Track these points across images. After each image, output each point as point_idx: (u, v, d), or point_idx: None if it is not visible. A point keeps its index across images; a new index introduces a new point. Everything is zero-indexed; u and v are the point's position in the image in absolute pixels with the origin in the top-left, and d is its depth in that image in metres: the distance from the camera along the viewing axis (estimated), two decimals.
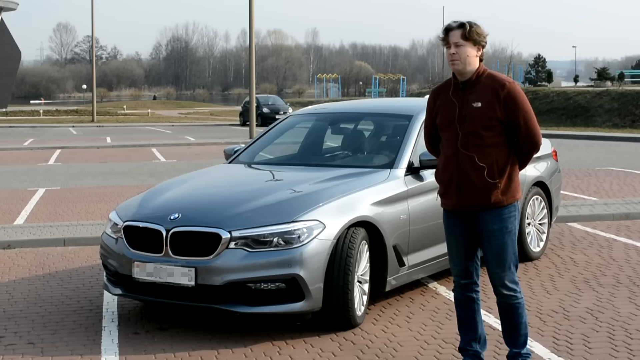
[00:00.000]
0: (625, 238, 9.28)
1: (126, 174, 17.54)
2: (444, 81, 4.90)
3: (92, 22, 48.27)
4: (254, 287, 5.59)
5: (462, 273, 4.85)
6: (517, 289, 4.75)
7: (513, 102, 4.60)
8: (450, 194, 4.73)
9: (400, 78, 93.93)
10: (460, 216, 4.76)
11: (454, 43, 4.60)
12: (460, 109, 4.66)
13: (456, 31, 4.61)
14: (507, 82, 4.62)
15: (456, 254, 4.84)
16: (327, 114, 8.12)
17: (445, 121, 4.73)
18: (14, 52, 72.17)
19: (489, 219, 4.66)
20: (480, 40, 4.62)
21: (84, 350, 5.56)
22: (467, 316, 4.89)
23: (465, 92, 4.67)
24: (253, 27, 27.31)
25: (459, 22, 4.65)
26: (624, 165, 17.85)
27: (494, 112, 4.59)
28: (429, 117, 4.91)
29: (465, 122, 4.63)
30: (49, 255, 8.78)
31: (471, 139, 4.61)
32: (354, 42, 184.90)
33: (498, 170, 4.62)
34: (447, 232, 4.89)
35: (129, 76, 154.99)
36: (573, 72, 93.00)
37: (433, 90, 4.93)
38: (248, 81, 30.40)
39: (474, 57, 4.62)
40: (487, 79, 4.66)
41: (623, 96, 39.24)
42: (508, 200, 4.66)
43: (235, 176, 7.17)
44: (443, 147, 4.80)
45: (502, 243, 4.67)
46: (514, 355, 4.84)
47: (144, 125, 43.99)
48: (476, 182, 4.61)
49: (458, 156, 4.65)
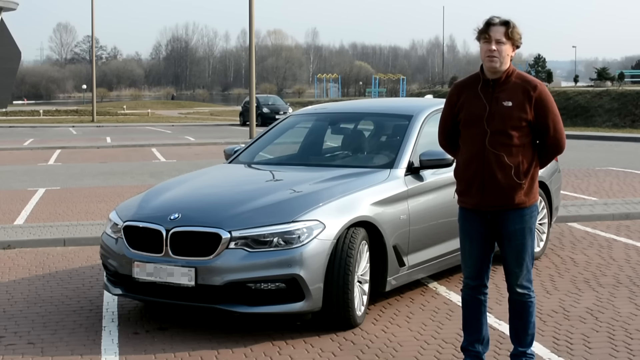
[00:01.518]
0: (625, 238, 9.28)
1: (126, 174, 17.54)
2: (467, 77, 4.80)
3: (92, 22, 48.29)
4: (254, 287, 5.59)
5: (473, 274, 4.78)
6: (531, 287, 4.74)
7: (544, 104, 4.57)
8: (473, 192, 4.65)
9: (400, 78, 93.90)
10: (480, 215, 4.68)
11: (496, 40, 4.51)
12: (489, 106, 4.58)
13: (499, 27, 4.52)
14: (539, 84, 4.59)
15: (469, 254, 4.77)
16: (327, 114, 8.11)
17: (471, 118, 4.64)
18: (14, 52, 72.20)
19: (511, 219, 4.62)
20: (517, 41, 4.57)
21: (84, 350, 5.56)
22: (473, 317, 4.86)
23: (495, 90, 4.60)
24: (253, 27, 27.31)
25: (502, 18, 4.56)
26: (624, 165, 17.85)
27: (525, 112, 4.54)
28: (449, 111, 4.80)
29: (494, 121, 4.56)
30: (49, 255, 8.78)
31: (499, 137, 4.55)
32: (354, 42, 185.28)
33: (524, 170, 4.58)
34: (462, 231, 4.80)
35: (129, 76, 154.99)
36: (573, 72, 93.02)
37: (457, 85, 4.81)
38: (248, 81, 30.40)
39: (509, 56, 4.57)
40: (517, 79, 4.60)
41: (623, 96, 39.26)
42: (530, 201, 4.63)
43: (235, 176, 7.17)
44: (466, 143, 4.70)
45: (523, 243, 4.65)
46: (519, 354, 4.82)
47: (144, 125, 43.99)
48: (502, 182, 4.56)
49: (484, 154, 4.58)
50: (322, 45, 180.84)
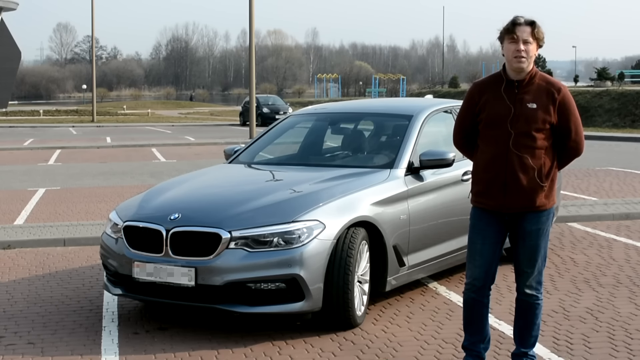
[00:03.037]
0: (625, 238, 9.28)
1: (126, 174, 17.54)
2: (488, 76, 4.75)
3: (92, 22, 48.28)
4: (254, 287, 5.59)
5: (480, 276, 4.72)
6: (540, 290, 4.72)
7: (567, 107, 4.56)
8: (493, 193, 4.60)
9: (400, 78, 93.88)
10: (498, 217, 4.65)
11: (524, 40, 4.49)
12: (514, 108, 4.55)
13: (525, 27, 4.50)
14: (562, 87, 4.59)
15: (480, 255, 4.70)
16: (327, 114, 8.11)
17: (494, 118, 4.59)
18: (14, 52, 72.17)
19: (528, 220, 4.60)
20: (541, 40, 4.56)
21: (84, 350, 5.56)
22: (475, 319, 4.81)
23: (520, 92, 4.57)
24: (253, 27, 27.31)
25: (527, 18, 4.54)
26: (624, 165, 17.85)
27: (549, 115, 4.52)
28: (469, 111, 4.74)
29: (518, 122, 4.52)
30: (49, 255, 8.78)
31: (523, 139, 4.52)
32: (354, 42, 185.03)
33: (545, 173, 4.57)
34: (474, 231, 4.74)
35: (129, 76, 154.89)
36: (573, 72, 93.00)
37: (477, 85, 4.75)
38: (248, 81, 30.40)
39: (534, 56, 4.55)
40: (540, 81, 4.58)
41: (623, 96, 39.26)
42: (550, 204, 4.62)
43: (235, 176, 7.17)
44: (487, 144, 4.64)
45: (537, 244, 4.63)
46: (521, 354, 4.81)
47: (144, 125, 44.00)
48: (525, 184, 4.53)
49: (507, 155, 4.54)
50: (322, 45, 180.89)
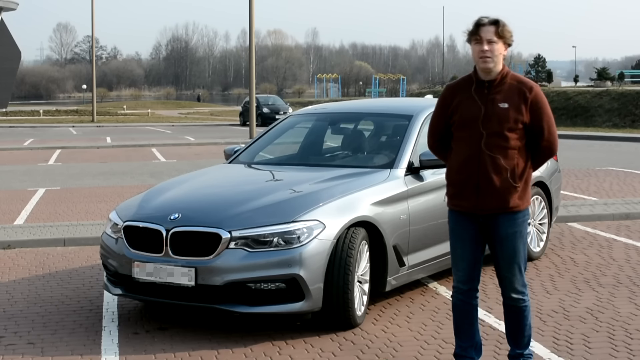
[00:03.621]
0: (625, 238, 9.28)
1: (126, 174, 17.54)
2: (460, 78, 4.75)
3: (92, 22, 48.28)
4: (254, 287, 5.59)
5: (464, 279, 4.72)
6: (525, 292, 4.70)
7: (539, 106, 4.53)
8: (466, 195, 4.59)
9: (400, 78, 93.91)
10: (473, 219, 4.63)
11: (487, 40, 4.46)
12: (485, 108, 4.54)
13: (489, 27, 4.47)
14: (534, 86, 4.56)
15: (461, 259, 4.71)
16: (327, 114, 8.11)
17: (465, 120, 4.57)
18: (14, 52, 72.17)
19: (503, 223, 4.57)
20: (508, 39, 4.52)
21: (84, 350, 5.56)
22: (464, 323, 4.80)
23: (491, 92, 4.55)
24: (253, 27, 27.31)
25: (491, 18, 4.51)
26: (624, 165, 17.85)
27: (521, 114, 4.50)
28: (441, 114, 4.73)
29: (490, 123, 4.51)
30: (49, 255, 8.78)
31: (496, 139, 4.50)
32: (354, 42, 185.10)
33: (519, 173, 4.54)
34: (453, 235, 4.73)
35: (129, 76, 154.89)
36: (573, 72, 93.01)
37: (449, 87, 4.75)
38: (248, 81, 30.39)
39: (501, 55, 4.52)
40: (512, 80, 4.56)
41: (623, 96, 39.26)
42: (524, 205, 4.59)
43: (235, 176, 7.17)
44: (460, 146, 4.63)
45: (515, 247, 4.60)
46: (516, 356, 4.81)
47: (144, 125, 44.00)
48: (498, 185, 4.51)
49: (480, 156, 4.52)
50: (322, 45, 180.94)
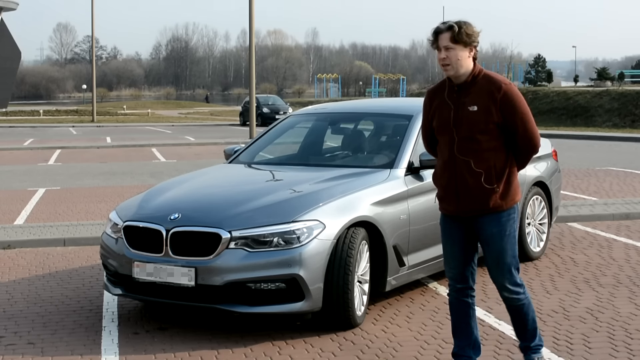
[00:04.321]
0: (625, 238, 9.28)
1: (126, 174, 17.54)
2: (439, 82, 4.76)
3: (92, 22, 48.29)
4: (254, 287, 5.59)
5: (457, 277, 4.75)
6: (519, 290, 4.70)
7: (510, 104, 4.47)
8: (449, 198, 4.63)
9: (400, 78, 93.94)
10: (459, 220, 4.66)
11: (444, 47, 4.45)
12: (455, 112, 4.54)
13: (445, 34, 4.45)
14: (504, 84, 4.50)
15: (452, 257, 4.75)
16: (327, 114, 8.12)
17: (441, 125, 4.61)
18: (14, 52, 72.19)
19: (487, 223, 4.58)
20: (471, 42, 4.46)
21: (84, 350, 5.56)
22: (461, 321, 4.81)
23: (461, 95, 4.54)
24: (253, 27, 27.31)
25: (448, 23, 4.48)
26: (624, 165, 17.85)
27: (491, 115, 4.47)
28: (425, 118, 4.80)
29: (461, 127, 4.51)
30: (49, 255, 8.78)
31: (468, 143, 4.50)
32: (354, 42, 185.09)
33: (496, 174, 4.52)
34: (443, 235, 4.78)
35: (129, 76, 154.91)
36: (573, 72, 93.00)
37: (428, 92, 4.78)
38: (248, 81, 30.39)
39: (465, 59, 4.47)
40: (483, 81, 4.53)
41: (623, 96, 39.26)
42: (507, 205, 4.57)
43: (235, 176, 7.17)
44: (440, 150, 4.69)
45: (501, 247, 4.60)
46: (525, 348, 4.84)
47: (144, 125, 44.00)
48: (473, 188, 4.52)
49: (455, 161, 4.55)
50: (322, 45, 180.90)
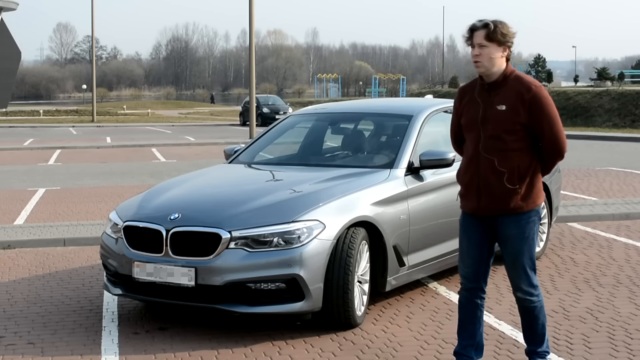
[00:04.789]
0: (625, 238, 9.28)
1: (126, 174, 17.54)
2: (472, 80, 4.78)
3: (92, 22, 48.26)
4: (254, 287, 5.59)
5: (470, 276, 4.75)
6: (534, 292, 4.68)
7: (538, 107, 4.50)
8: (470, 196, 4.65)
9: (400, 78, 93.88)
10: (478, 219, 4.67)
11: (478, 44, 4.47)
12: (484, 110, 4.56)
13: (480, 31, 4.48)
14: (534, 86, 4.52)
15: (467, 255, 4.74)
16: (327, 114, 8.11)
17: (469, 122, 4.64)
18: (14, 52, 72.14)
19: (507, 224, 4.59)
20: (505, 41, 4.48)
21: (84, 350, 5.56)
22: (467, 321, 4.82)
23: (491, 94, 4.56)
24: (253, 27, 27.31)
25: (484, 21, 4.50)
26: (624, 165, 17.85)
27: (518, 116, 4.49)
28: (454, 115, 4.82)
29: (488, 125, 4.53)
30: (49, 255, 8.78)
31: (493, 142, 4.52)
32: (354, 42, 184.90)
33: (519, 175, 4.53)
34: (461, 232, 4.78)
35: (129, 76, 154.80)
36: (573, 72, 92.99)
37: (460, 89, 4.81)
38: (248, 81, 30.39)
39: (499, 58, 4.50)
40: (513, 81, 4.55)
41: (623, 96, 39.26)
42: (528, 207, 4.57)
43: (235, 176, 7.17)
44: (466, 147, 4.71)
45: (519, 248, 4.60)
46: (531, 352, 4.83)
47: (144, 125, 43.99)
48: (496, 187, 4.53)
49: (479, 159, 4.56)
50: (322, 45, 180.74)
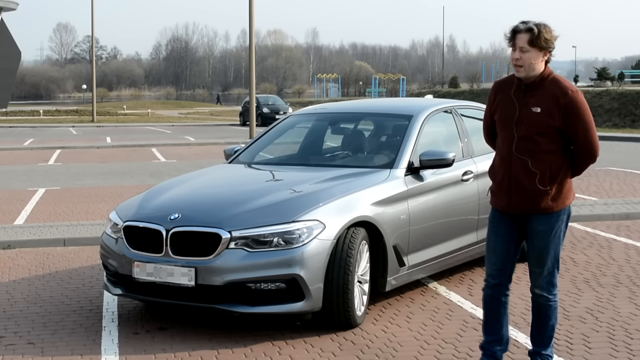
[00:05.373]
0: (625, 238, 9.29)
1: (126, 174, 17.54)
2: (507, 76, 4.76)
3: (92, 22, 48.26)
4: (254, 287, 5.59)
5: (495, 273, 4.76)
6: (552, 290, 4.70)
7: (573, 112, 4.49)
8: (501, 194, 4.67)
9: (400, 78, 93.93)
10: (508, 216, 4.70)
11: (520, 48, 4.45)
12: (519, 111, 4.56)
13: (523, 35, 4.44)
14: (570, 90, 4.50)
15: (494, 252, 4.76)
16: (327, 114, 8.11)
17: (502, 121, 4.65)
18: (14, 52, 72.14)
19: (535, 221, 4.62)
20: (547, 46, 4.46)
21: (84, 350, 5.56)
22: (491, 317, 4.83)
23: (526, 94, 4.55)
24: (253, 27, 27.31)
25: (528, 25, 4.46)
26: (624, 165, 17.85)
27: (552, 119, 4.49)
28: (488, 109, 4.81)
29: (521, 126, 4.53)
30: (49, 255, 8.78)
31: (526, 143, 4.53)
32: (354, 42, 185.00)
33: (551, 176, 4.54)
34: (489, 229, 4.80)
35: (129, 76, 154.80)
36: (573, 72, 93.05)
37: (495, 83, 4.80)
38: (248, 81, 30.40)
39: (539, 63, 4.48)
40: (550, 84, 4.53)
41: (623, 96, 39.28)
42: (558, 207, 4.59)
43: (235, 176, 7.17)
44: (498, 146, 4.72)
45: (545, 245, 4.63)
46: (534, 353, 4.82)
47: (144, 125, 43.99)
48: (527, 187, 4.55)
49: (512, 158, 4.58)
50: (322, 45, 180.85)
